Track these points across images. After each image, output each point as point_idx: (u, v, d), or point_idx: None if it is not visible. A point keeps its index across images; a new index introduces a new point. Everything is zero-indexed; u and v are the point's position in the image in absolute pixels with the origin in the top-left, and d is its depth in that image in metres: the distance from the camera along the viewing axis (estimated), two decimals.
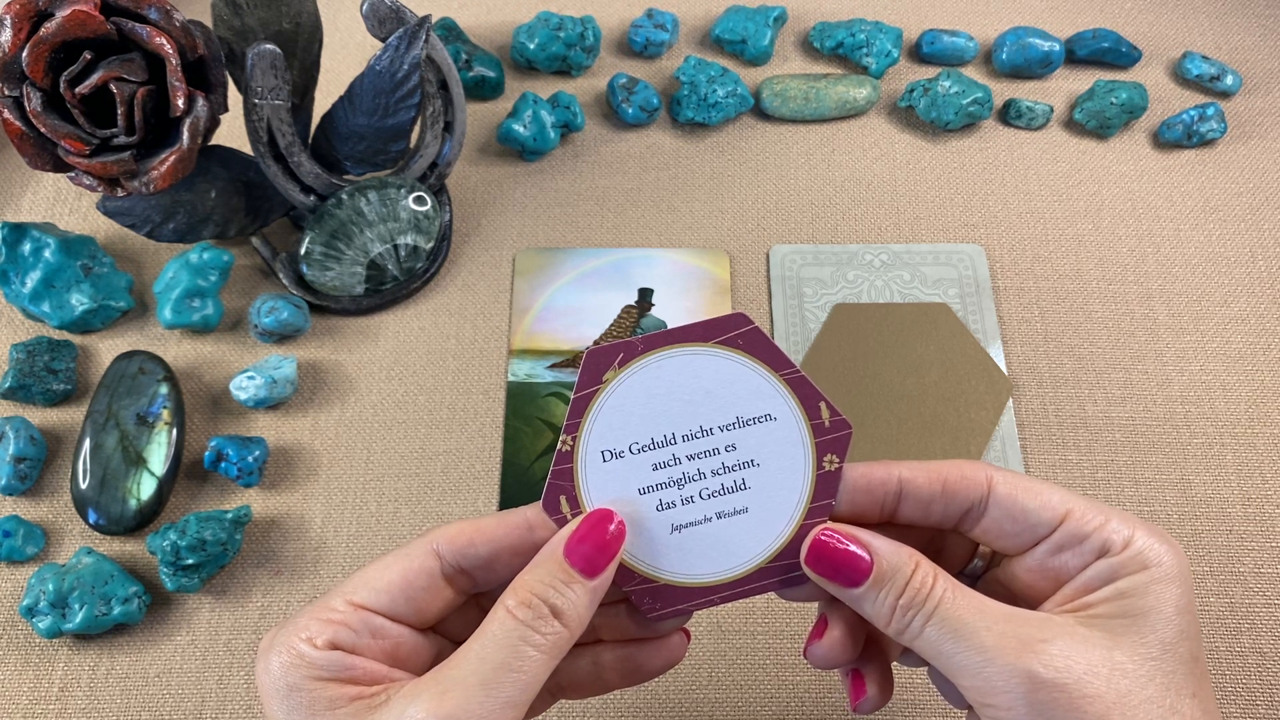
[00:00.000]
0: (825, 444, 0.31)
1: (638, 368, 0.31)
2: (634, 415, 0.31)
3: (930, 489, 0.31)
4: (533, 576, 0.30)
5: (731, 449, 0.32)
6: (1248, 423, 0.50)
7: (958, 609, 0.29)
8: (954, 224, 0.56)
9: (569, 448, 0.31)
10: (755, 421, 0.31)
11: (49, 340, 0.51)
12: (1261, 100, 0.60)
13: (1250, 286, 0.54)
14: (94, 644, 0.45)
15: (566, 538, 0.30)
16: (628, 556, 0.31)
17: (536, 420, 0.50)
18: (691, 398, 0.31)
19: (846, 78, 0.59)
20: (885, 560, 0.30)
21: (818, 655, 0.33)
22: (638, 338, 0.31)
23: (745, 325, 0.31)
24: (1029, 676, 0.28)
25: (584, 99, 0.59)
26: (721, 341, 0.31)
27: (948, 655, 0.29)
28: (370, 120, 0.50)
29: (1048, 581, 0.31)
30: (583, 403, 0.31)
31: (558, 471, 0.31)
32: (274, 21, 0.49)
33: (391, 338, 0.53)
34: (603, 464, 0.31)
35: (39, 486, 0.49)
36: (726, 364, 0.31)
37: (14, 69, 0.42)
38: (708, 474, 0.31)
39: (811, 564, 0.31)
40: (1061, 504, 0.31)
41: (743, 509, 0.32)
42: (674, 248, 0.55)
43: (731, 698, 0.44)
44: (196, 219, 0.51)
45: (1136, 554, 0.30)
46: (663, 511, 0.31)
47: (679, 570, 0.32)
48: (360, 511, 0.48)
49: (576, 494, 0.31)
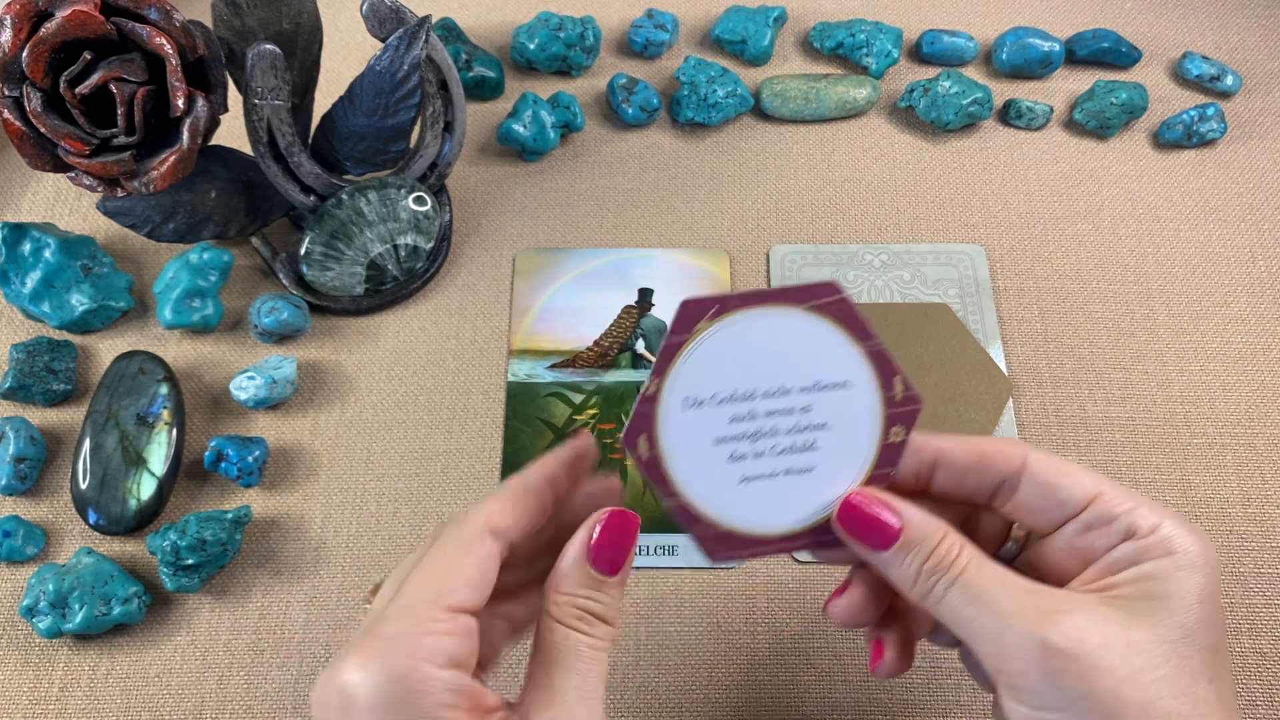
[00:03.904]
0: (894, 416, 0.33)
1: (729, 322, 0.32)
2: (720, 367, 0.32)
3: (966, 459, 0.32)
4: (567, 587, 0.31)
5: (806, 410, 0.32)
6: (1248, 423, 0.50)
7: (980, 577, 0.30)
8: (954, 224, 0.56)
9: (654, 391, 0.32)
10: (833, 387, 0.32)
11: (49, 340, 0.51)
12: (1261, 100, 0.60)
13: (1250, 287, 0.54)
14: (94, 644, 0.45)
15: (589, 544, 0.31)
16: (697, 501, 0.32)
17: (536, 420, 0.50)
18: (776, 357, 0.32)
19: (846, 78, 0.59)
20: (914, 527, 0.31)
21: (835, 611, 0.34)
22: (734, 293, 0.32)
23: (835, 294, 0.32)
24: (1043, 644, 0.28)
25: (584, 99, 0.60)
26: (812, 306, 0.32)
27: (967, 620, 0.30)
28: (370, 120, 0.50)
29: (1075, 562, 0.32)
30: (672, 350, 0.32)
31: (640, 412, 0.32)
32: (274, 22, 0.49)
33: (391, 338, 0.53)
34: (683, 410, 0.32)
35: (39, 487, 0.49)
36: (813, 328, 0.32)
37: (14, 69, 0.42)
38: (781, 432, 0.33)
39: (842, 523, 0.32)
40: (1093, 485, 0.31)
41: (808, 468, 0.33)
42: (674, 248, 0.55)
43: (732, 698, 0.44)
44: (196, 219, 0.51)
45: (1163, 539, 0.30)
46: (734, 463, 0.32)
47: (742, 519, 0.33)
48: (360, 511, 0.48)
49: (655, 436, 0.32)
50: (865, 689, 0.44)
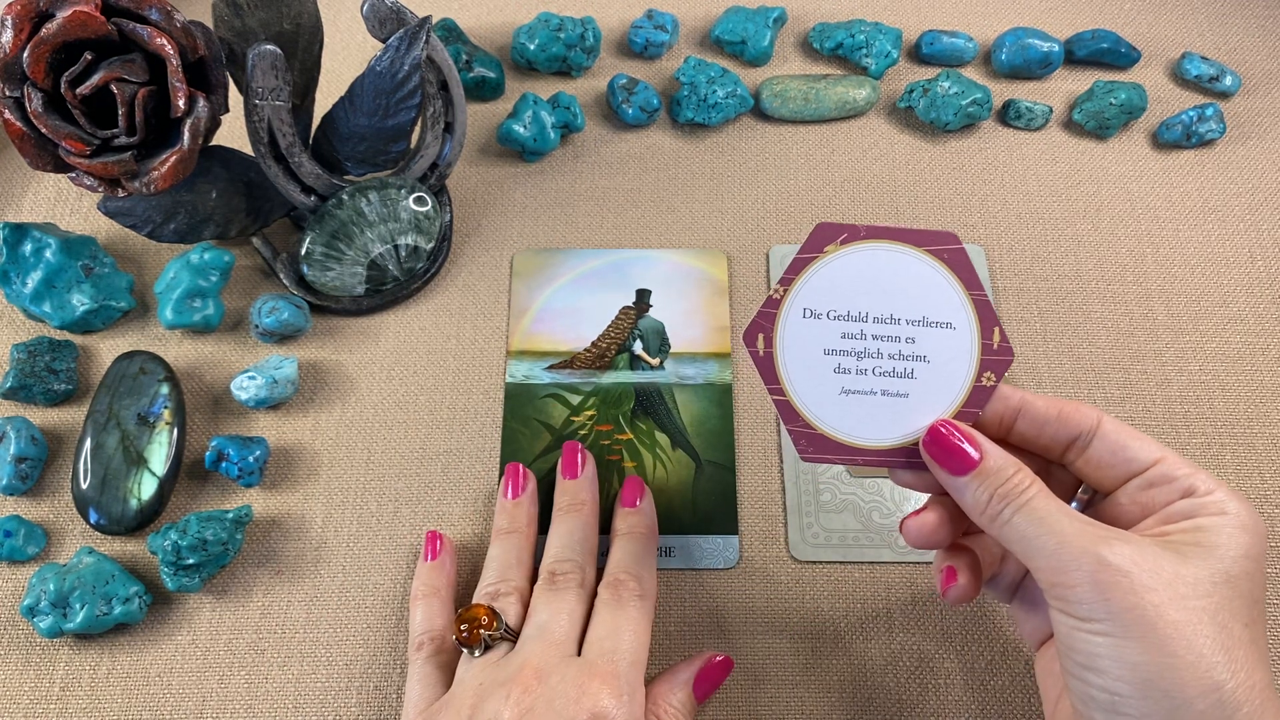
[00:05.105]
0: (988, 362, 0.36)
1: (856, 249, 0.36)
2: (840, 287, 0.36)
3: (1047, 412, 0.36)
4: (676, 699, 0.41)
5: (911, 341, 0.36)
6: (1247, 423, 0.50)
7: (1045, 505, 0.33)
8: (954, 224, 0.56)
9: (779, 296, 0.36)
10: (938, 326, 0.36)
11: (50, 340, 0.51)
12: (1260, 101, 0.60)
13: (1249, 286, 0.54)
14: (95, 644, 0.45)
15: (696, 674, 0.42)
16: (799, 402, 0.36)
17: (534, 422, 0.50)
18: (891, 288, 0.36)
19: (846, 78, 0.59)
20: (992, 458, 0.34)
21: (910, 529, 0.37)
22: (863, 225, 0.35)
23: (955, 244, 0.35)
24: (1097, 558, 0.31)
25: (584, 100, 0.60)
26: (932, 250, 0.36)
27: (1029, 539, 0.32)
28: (371, 121, 0.50)
29: (1135, 513, 0.35)
30: (801, 263, 0.36)
31: (763, 313, 0.36)
32: (274, 22, 0.49)
33: (392, 338, 0.53)
34: (802, 319, 0.36)
35: (40, 486, 0.49)
36: (929, 270, 0.36)
37: (15, 69, 0.43)
38: (885, 356, 0.36)
39: (928, 446, 0.35)
40: (1159, 450, 0.35)
41: (904, 394, 0.36)
42: (672, 248, 0.55)
43: (732, 698, 0.44)
44: (197, 219, 0.51)
45: (1217, 501, 0.33)
46: (838, 375, 0.36)
47: (836, 426, 0.36)
48: (360, 511, 0.48)
49: (772, 336, 0.36)
50: (865, 688, 0.44)
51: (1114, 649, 0.30)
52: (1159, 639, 0.30)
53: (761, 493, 0.48)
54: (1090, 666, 0.31)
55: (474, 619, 0.40)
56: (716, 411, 0.50)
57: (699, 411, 0.50)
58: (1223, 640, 0.30)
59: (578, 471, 0.47)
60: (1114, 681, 0.31)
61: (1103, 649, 0.31)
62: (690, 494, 0.48)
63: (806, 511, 0.48)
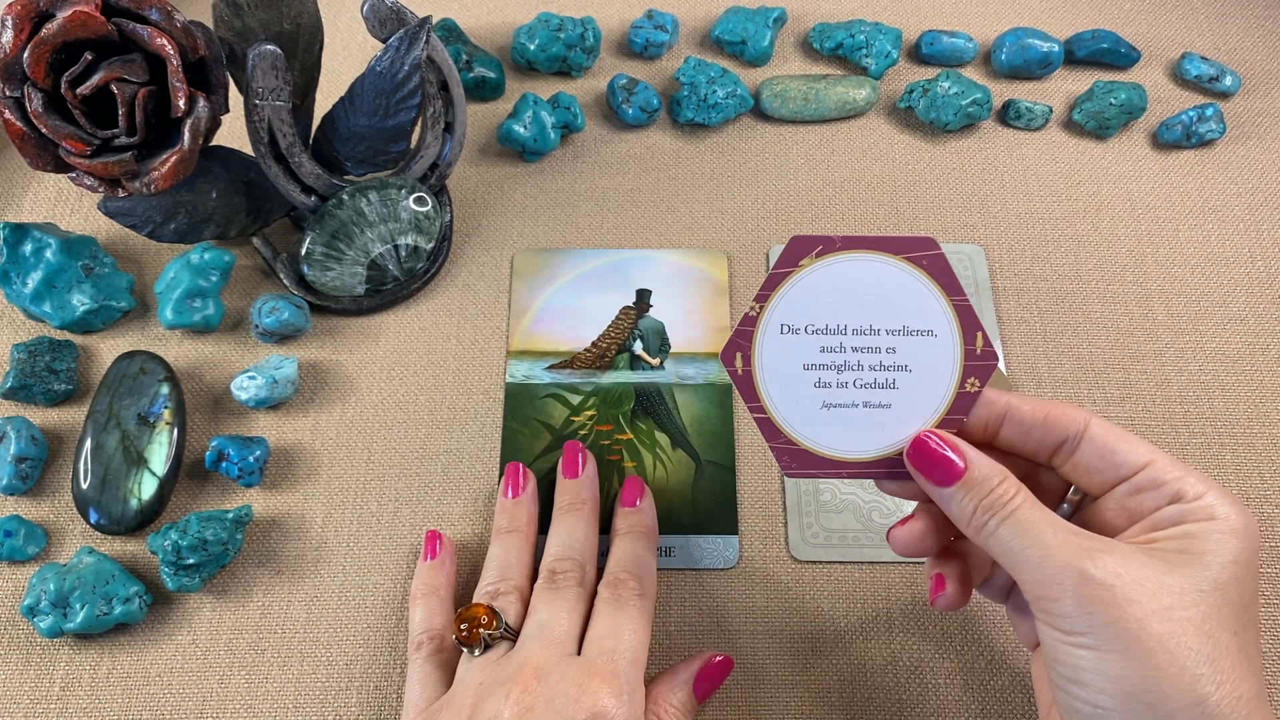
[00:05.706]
0: (972, 368, 0.35)
1: (832, 261, 0.35)
2: (817, 301, 0.35)
3: (1033, 416, 0.35)
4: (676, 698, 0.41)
5: (891, 351, 0.35)
6: (1246, 423, 0.50)
7: (1030, 516, 0.32)
8: (953, 224, 0.56)
9: (755, 313, 0.35)
10: (919, 333, 0.35)
11: (50, 340, 0.51)
12: (1260, 101, 0.60)
13: (1249, 287, 0.54)
14: (95, 644, 0.45)
15: (697, 673, 0.42)
16: (781, 418, 0.36)
17: (534, 422, 0.50)
18: (870, 299, 0.35)
19: (846, 78, 0.59)
20: (977, 467, 0.33)
21: (897, 538, 0.37)
22: (839, 236, 0.35)
23: (933, 249, 0.35)
24: (1081, 572, 0.30)
25: (584, 100, 0.60)
26: (909, 258, 0.35)
27: (1014, 551, 0.32)
28: (371, 121, 0.50)
29: (1122, 520, 0.34)
30: (776, 279, 0.35)
31: (740, 331, 0.36)
32: (275, 22, 0.49)
33: (392, 338, 0.53)
34: (779, 335, 0.36)
35: (40, 486, 0.49)
36: (908, 278, 0.35)
37: (15, 69, 0.43)
38: (865, 367, 0.35)
39: (912, 458, 0.35)
40: (1148, 453, 0.34)
41: (886, 405, 0.35)
42: (672, 249, 0.55)
43: (732, 698, 0.44)
44: (197, 219, 0.51)
45: (1206, 505, 0.32)
46: (819, 389, 0.36)
47: (819, 441, 0.36)
48: (360, 511, 0.48)
49: (750, 354, 0.36)
50: (865, 688, 0.44)
51: (1098, 662, 0.30)
52: (1142, 653, 0.29)
53: (761, 493, 0.49)
54: (1075, 679, 0.31)
55: (474, 618, 0.40)
56: (716, 411, 0.50)
57: (699, 411, 0.50)
58: (1208, 651, 0.29)
59: (578, 471, 0.47)
60: (1097, 694, 0.30)
61: (1087, 662, 0.30)
62: (690, 494, 0.48)
63: (806, 511, 0.48)
